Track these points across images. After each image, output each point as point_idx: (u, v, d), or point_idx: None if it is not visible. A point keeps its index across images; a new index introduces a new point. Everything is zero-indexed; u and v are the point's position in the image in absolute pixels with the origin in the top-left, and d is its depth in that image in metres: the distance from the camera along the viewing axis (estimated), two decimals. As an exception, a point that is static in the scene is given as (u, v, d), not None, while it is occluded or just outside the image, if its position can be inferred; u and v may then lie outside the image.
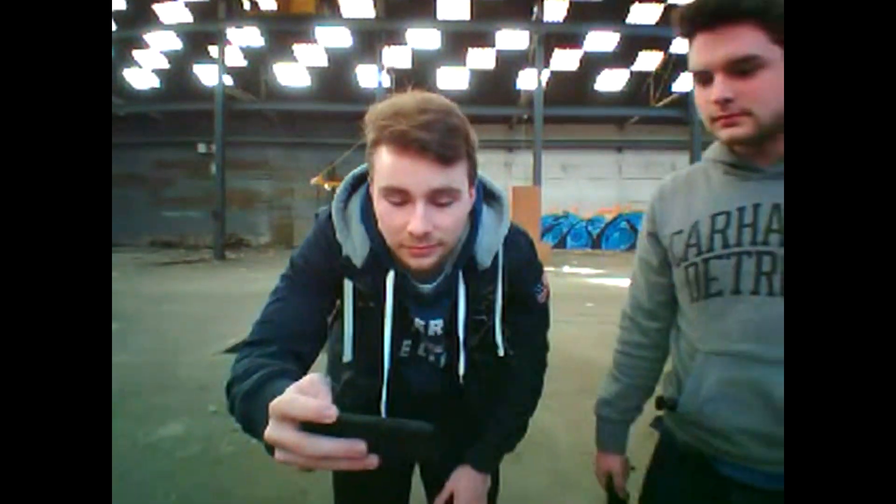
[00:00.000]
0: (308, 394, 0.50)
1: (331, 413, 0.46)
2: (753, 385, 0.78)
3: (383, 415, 0.94)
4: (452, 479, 1.00)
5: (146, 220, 16.79)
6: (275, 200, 17.02)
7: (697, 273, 0.85)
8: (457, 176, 0.76)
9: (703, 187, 0.89)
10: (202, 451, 2.63)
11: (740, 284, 0.80)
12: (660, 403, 0.94)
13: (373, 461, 0.48)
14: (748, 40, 0.75)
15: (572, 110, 16.68)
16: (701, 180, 0.91)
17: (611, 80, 17.20)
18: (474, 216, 0.89)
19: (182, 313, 5.99)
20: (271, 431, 0.49)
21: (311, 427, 0.47)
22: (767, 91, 0.77)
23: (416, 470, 1.18)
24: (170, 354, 4.31)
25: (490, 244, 0.89)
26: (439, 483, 1.02)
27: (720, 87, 0.78)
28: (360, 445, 0.47)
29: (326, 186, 14.81)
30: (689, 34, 0.81)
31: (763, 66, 0.76)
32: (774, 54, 0.76)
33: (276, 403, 0.49)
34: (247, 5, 14.48)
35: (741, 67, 0.76)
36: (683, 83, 15.47)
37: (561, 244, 19.24)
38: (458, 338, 0.92)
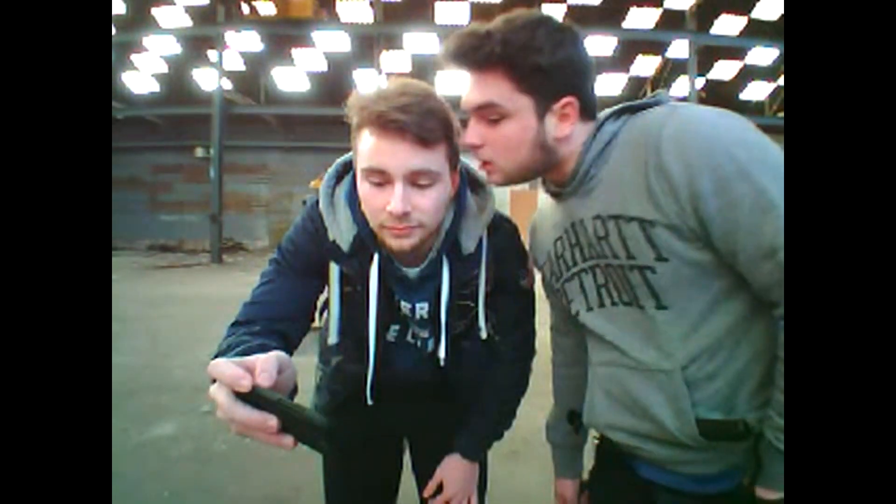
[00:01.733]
0: (255, 366, 0.54)
1: (244, 383, 0.51)
2: (628, 394, 0.78)
3: (369, 400, 0.94)
4: (441, 468, 1.00)
5: (144, 224, 16.75)
6: (273, 204, 17.01)
7: (562, 297, 0.87)
8: (436, 158, 0.77)
9: (549, 216, 0.90)
10: (195, 450, 2.62)
11: (589, 300, 0.82)
12: (570, 417, 0.97)
13: (287, 441, 0.51)
14: (491, 89, 0.73)
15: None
16: (548, 209, 0.91)
17: (608, 85, 17.26)
18: (459, 202, 0.89)
19: (178, 316, 5.97)
20: (213, 390, 0.54)
21: (240, 395, 0.52)
22: (506, 143, 0.75)
23: (408, 462, 1.18)
24: (164, 356, 4.29)
25: (474, 229, 0.90)
26: (430, 473, 1.02)
27: (470, 130, 0.77)
28: (271, 420, 0.50)
29: (325, 190, 14.76)
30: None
31: (506, 117, 0.74)
32: (519, 104, 0.73)
33: (210, 365, 0.54)
34: (245, 10, 14.53)
35: (486, 114, 0.75)
36: (681, 88, 15.54)
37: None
38: (440, 321, 0.92)
